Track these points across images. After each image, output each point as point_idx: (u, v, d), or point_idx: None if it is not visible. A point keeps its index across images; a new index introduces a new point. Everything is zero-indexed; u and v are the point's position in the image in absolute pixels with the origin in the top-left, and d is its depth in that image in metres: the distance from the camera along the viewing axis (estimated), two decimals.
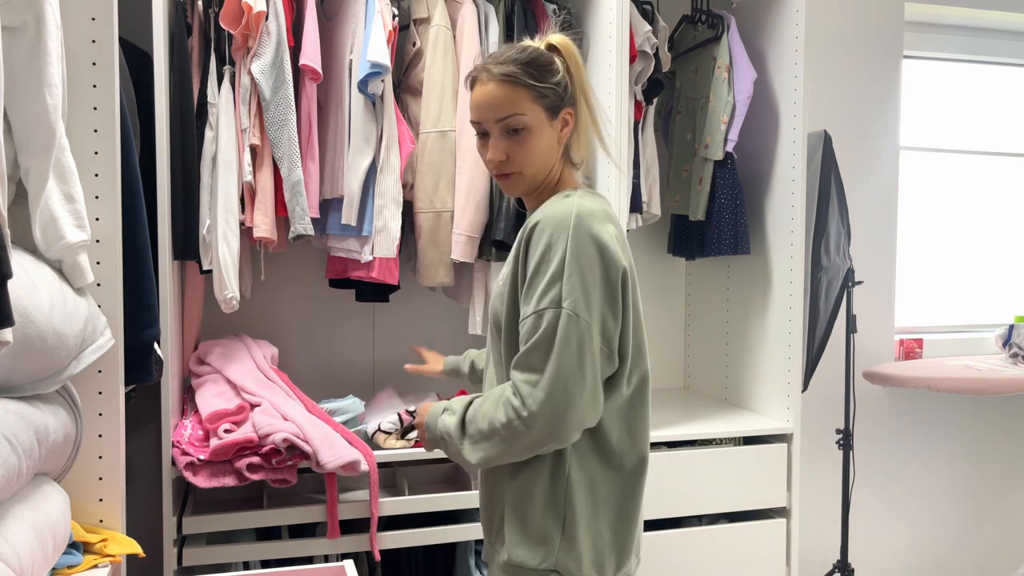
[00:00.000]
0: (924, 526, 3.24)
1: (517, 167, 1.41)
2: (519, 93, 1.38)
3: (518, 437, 1.30)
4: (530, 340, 1.30)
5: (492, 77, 1.39)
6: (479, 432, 1.35)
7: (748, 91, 2.41)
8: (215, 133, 1.99)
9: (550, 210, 1.35)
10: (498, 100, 1.38)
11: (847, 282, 2.62)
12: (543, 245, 1.31)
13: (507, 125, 1.39)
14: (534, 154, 1.40)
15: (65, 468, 1.39)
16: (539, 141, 1.40)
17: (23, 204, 1.29)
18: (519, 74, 1.38)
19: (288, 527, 2.05)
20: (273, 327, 2.46)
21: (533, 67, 1.39)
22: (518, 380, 1.30)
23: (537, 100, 1.39)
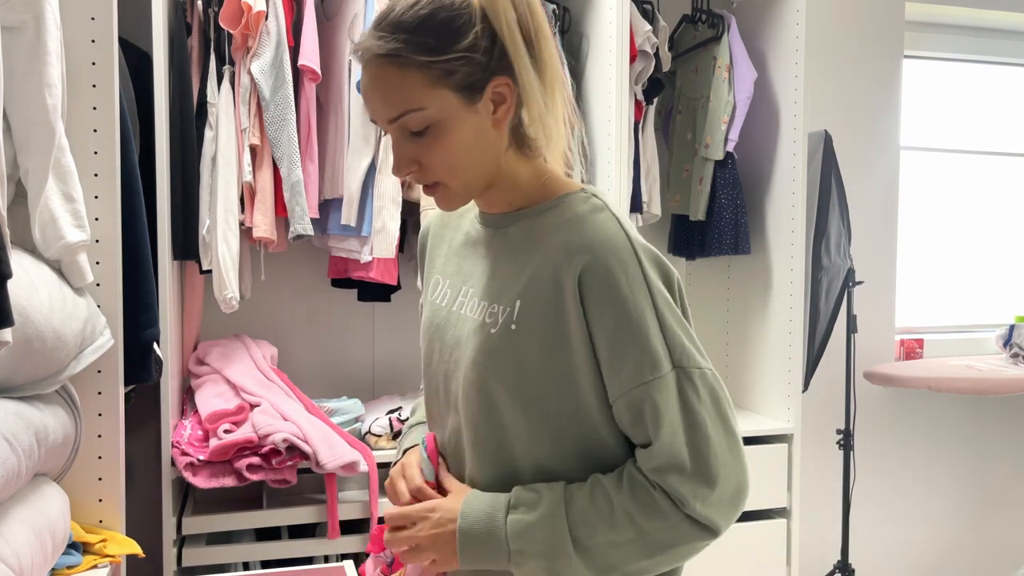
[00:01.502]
0: (924, 526, 3.24)
1: (436, 176, 0.97)
2: (410, 77, 0.91)
3: (677, 543, 0.96)
4: (661, 424, 0.92)
5: (372, 57, 0.92)
6: (619, 551, 0.94)
7: (748, 91, 2.41)
8: (215, 133, 1.99)
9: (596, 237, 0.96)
10: (383, 92, 0.93)
11: (847, 282, 2.62)
12: (617, 291, 0.93)
13: (404, 125, 0.94)
14: (455, 156, 0.95)
15: (65, 468, 1.39)
16: (457, 137, 0.94)
17: (23, 204, 1.29)
18: (404, 50, 0.91)
19: (288, 527, 2.04)
20: (273, 327, 2.45)
21: (428, 32, 0.91)
22: (668, 474, 0.93)
23: (440, 81, 0.92)
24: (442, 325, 1.07)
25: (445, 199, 1.00)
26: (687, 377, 0.94)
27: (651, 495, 0.93)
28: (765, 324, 2.49)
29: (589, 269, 0.94)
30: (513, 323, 0.97)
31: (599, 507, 0.94)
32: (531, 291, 0.97)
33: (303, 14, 2.06)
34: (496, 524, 0.95)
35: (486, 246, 1.06)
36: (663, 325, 0.94)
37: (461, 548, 0.96)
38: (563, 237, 0.97)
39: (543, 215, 1.01)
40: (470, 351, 1.00)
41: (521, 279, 0.99)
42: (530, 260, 0.99)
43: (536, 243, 0.99)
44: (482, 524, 0.95)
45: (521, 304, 0.97)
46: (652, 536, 0.93)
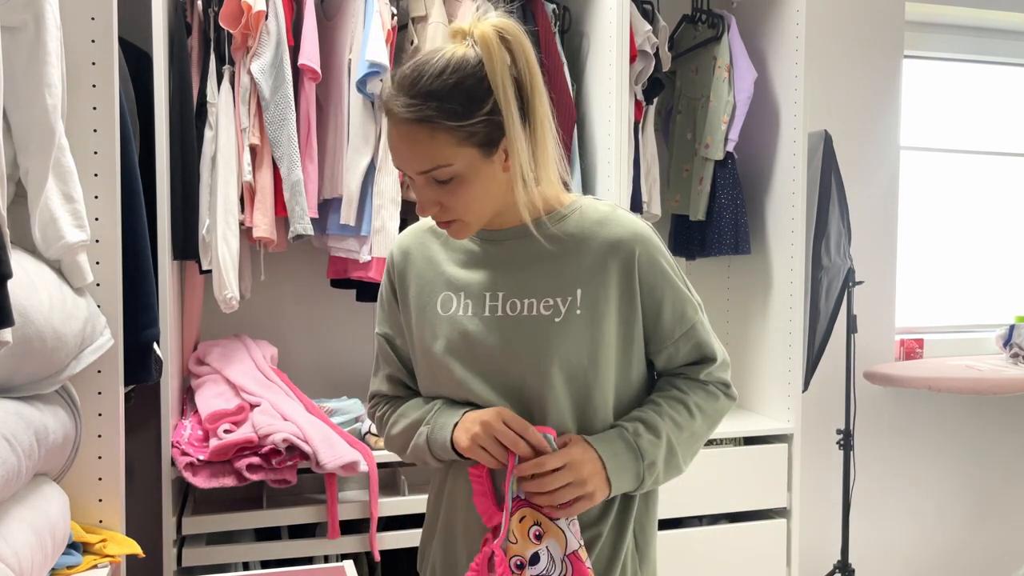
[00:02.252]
0: (925, 526, 3.24)
1: (455, 215, 1.15)
2: (439, 139, 1.07)
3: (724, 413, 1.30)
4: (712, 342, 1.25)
5: (403, 118, 1.08)
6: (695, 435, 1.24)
7: (748, 91, 2.41)
8: (215, 133, 1.99)
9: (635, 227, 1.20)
10: (415, 151, 1.09)
11: (847, 282, 2.62)
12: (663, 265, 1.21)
13: (432, 177, 1.11)
14: (473, 200, 1.13)
15: (65, 468, 1.39)
16: (476, 186, 1.12)
17: (23, 204, 1.29)
18: (436, 116, 1.06)
19: (288, 527, 2.04)
20: (273, 327, 2.45)
21: (456, 101, 1.06)
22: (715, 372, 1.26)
23: (465, 142, 1.08)
24: (476, 332, 1.19)
25: (459, 231, 1.17)
26: (703, 310, 1.27)
27: (708, 389, 1.26)
28: (765, 324, 2.49)
29: (644, 255, 1.19)
30: (578, 308, 1.17)
31: (681, 413, 1.22)
32: (592, 279, 1.18)
33: (303, 14, 2.06)
34: (632, 450, 1.17)
35: (498, 256, 1.22)
36: (686, 283, 1.25)
37: (613, 475, 1.15)
38: (607, 233, 1.19)
39: (566, 220, 1.21)
40: (536, 342, 1.17)
41: (575, 272, 1.18)
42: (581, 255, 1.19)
43: (577, 242, 1.19)
44: (622, 452, 1.17)
45: (583, 292, 1.18)
46: (712, 416, 1.26)
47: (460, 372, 1.20)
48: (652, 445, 1.18)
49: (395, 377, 1.33)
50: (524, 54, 1.11)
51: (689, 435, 1.23)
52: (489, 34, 1.09)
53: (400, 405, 1.30)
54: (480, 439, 1.13)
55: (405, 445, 1.26)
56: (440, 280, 1.24)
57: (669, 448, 1.20)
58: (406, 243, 1.31)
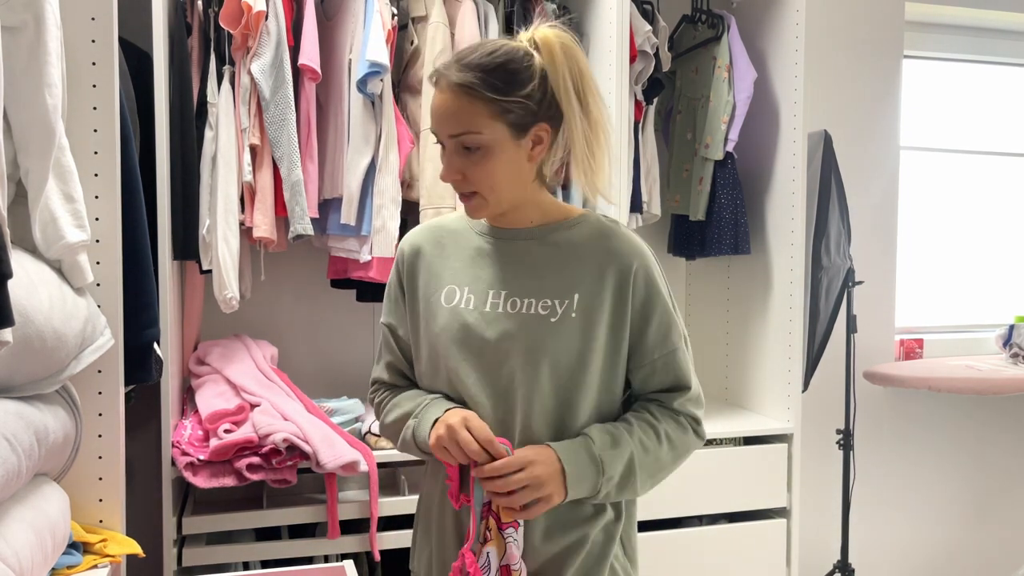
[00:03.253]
0: (925, 526, 3.24)
1: (475, 188, 1.22)
2: (476, 107, 1.17)
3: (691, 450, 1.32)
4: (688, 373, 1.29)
5: (450, 84, 1.19)
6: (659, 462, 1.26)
7: (748, 91, 2.41)
8: (215, 133, 1.99)
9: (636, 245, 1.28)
10: (452, 113, 1.19)
11: (847, 282, 2.62)
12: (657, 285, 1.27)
13: (461, 142, 1.19)
14: (493, 177, 1.21)
15: (65, 468, 1.39)
16: (499, 163, 1.20)
17: (23, 204, 1.29)
18: (478, 85, 1.17)
19: (288, 527, 2.04)
20: (273, 327, 2.45)
21: (498, 76, 1.17)
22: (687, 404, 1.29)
23: (499, 116, 1.18)
24: (475, 325, 1.25)
25: (476, 208, 1.25)
26: (686, 342, 1.31)
27: (679, 420, 1.28)
28: (765, 324, 2.49)
29: (640, 270, 1.25)
30: (573, 312, 1.23)
31: (650, 436, 1.25)
32: (589, 286, 1.24)
33: (303, 14, 2.06)
34: (594, 459, 1.20)
35: (506, 255, 1.28)
36: (676, 309, 1.30)
37: (571, 481, 1.19)
38: (608, 245, 1.26)
39: (572, 229, 1.28)
40: (530, 339, 1.23)
41: (574, 277, 1.24)
42: (581, 262, 1.25)
43: (579, 250, 1.26)
44: (584, 461, 1.20)
45: (579, 297, 1.24)
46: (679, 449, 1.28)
47: (455, 361, 1.25)
48: (614, 459, 1.21)
49: (395, 366, 1.37)
50: (579, 61, 1.22)
51: (654, 460, 1.25)
52: (549, 34, 1.21)
53: (397, 394, 1.35)
54: (443, 441, 1.19)
55: (396, 435, 1.32)
56: (447, 274, 1.30)
57: (629, 467, 1.22)
58: (418, 238, 1.36)
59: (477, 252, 1.30)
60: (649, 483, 1.27)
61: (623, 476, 1.22)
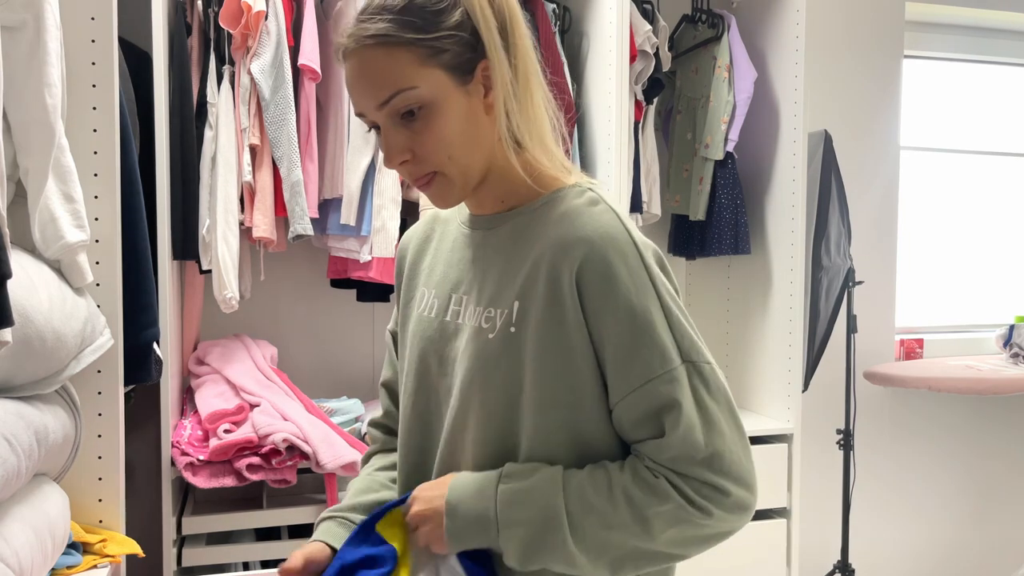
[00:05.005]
0: (925, 526, 3.24)
1: (431, 165, 0.93)
2: (398, 57, 0.89)
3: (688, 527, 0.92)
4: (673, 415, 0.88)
5: (358, 44, 0.90)
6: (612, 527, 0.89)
7: (748, 91, 2.41)
8: (215, 133, 1.99)
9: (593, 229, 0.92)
10: (372, 75, 0.91)
11: (847, 282, 2.62)
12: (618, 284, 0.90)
13: (395, 108, 0.91)
14: (449, 140, 0.92)
15: (65, 468, 1.39)
16: (450, 118, 0.92)
17: (22, 204, 1.29)
18: (392, 29, 0.89)
19: (288, 527, 2.04)
20: (273, 327, 2.45)
21: (412, 12, 0.90)
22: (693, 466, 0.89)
23: (430, 59, 0.90)
24: (434, 338, 1.02)
25: (441, 192, 0.96)
26: (698, 372, 0.90)
27: (655, 479, 0.89)
28: (765, 324, 2.49)
29: (587, 263, 0.90)
30: (512, 326, 0.93)
31: (597, 484, 0.90)
32: (528, 291, 0.93)
33: (303, 14, 2.06)
34: (486, 495, 0.90)
35: (476, 249, 1.02)
36: (669, 318, 0.91)
37: (449, 523, 0.91)
38: (558, 231, 0.93)
39: (536, 211, 0.97)
40: (468, 359, 0.96)
41: (517, 279, 0.95)
42: (525, 259, 0.95)
43: (531, 241, 0.95)
44: (472, 495, 0.91)
45: (519, 305, 0.93)
46: (651, 516, 0.89)
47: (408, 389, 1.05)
48: (520, 499, 0.90)
49: (391, 387, 1.18)
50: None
51: (600, 522, 0.89)
52: None
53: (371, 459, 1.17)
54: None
55: None
56: (423, 274, 1.09)
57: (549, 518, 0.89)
58: (410, 234, 1.15)
59: (452, 246, 1.06)
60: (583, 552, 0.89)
61: (536, 523, 0.89)
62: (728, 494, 0.90)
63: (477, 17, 0.91)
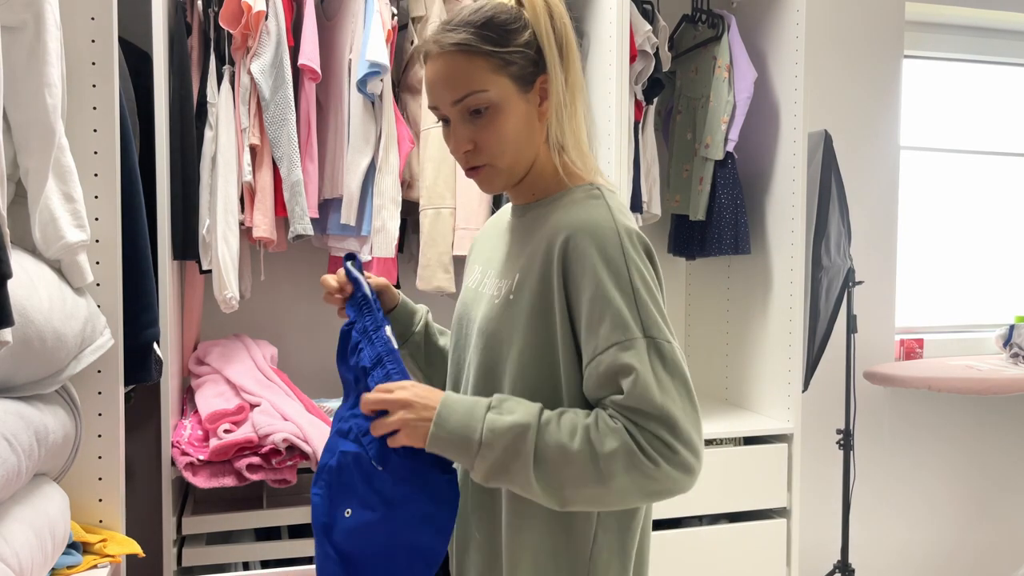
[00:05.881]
0: (925, 526, 3.24)
1: (487, 157, 1.13)
2: (476, 64, 1.09)
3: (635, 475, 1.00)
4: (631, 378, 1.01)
5: (442, 49, 1.11)
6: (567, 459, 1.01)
7: (748, 91, 2.41)
8: (215, 133, 1.99)
9: (583, 217, 1.09)
10: (451, 76, 1.10)
11: (847, 282, 2.62)
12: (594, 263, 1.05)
13: (466, 106, 1.10)
14: (506, 139, 1.12)
15: (65, 468, 1.39)
16: (510, 121, 1.11)
17: (23, 204, 1.29)
18: (474, 41, 1.09)
19: (288, 527, 2.04)
20: (273, 327, 2.45)
21: (491, 29, 1.10)
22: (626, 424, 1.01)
23: (501, 69, 1.10)
24: (469, 304, 1.23)
25: (488, 180, 1.15)
26: (656, 347, 1.03)
27: (614, 424, 1.01)
28: (765, 324, 2.49)
29: (570, 244, 1.07)
30: (512, 294, 1.13)
31: (563, 424, 1.03)
32: (527, 266, 1.12)
33: (303, 14, 2.06)
34: (475, 417, 1.04)
35: (510, 233, 1.22)
36: (636, 297, 1.05)
37: (435, 431, 1.04)
38: (557, 218, 1.12)
39: (552, 203, 1.16)
40: (478, 319, 1.17)
41: (523, 257, 1.14)
42: (532, 241, 1.14)
43: (540, 226, 1.14)
44: (462, 413, 1.05)
45: (519, 277, 1.13)
46: (604, 459, 1.00)
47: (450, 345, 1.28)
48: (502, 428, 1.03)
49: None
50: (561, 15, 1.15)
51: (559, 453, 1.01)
52: None
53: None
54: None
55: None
56: (481, 252, 1.30)
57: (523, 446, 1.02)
58: (488, 219, 1.37)
59: (500, 231, 1.26)
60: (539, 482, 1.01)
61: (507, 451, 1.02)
62: (676, 452, 1.00)
63: (542, 39, 1.12)
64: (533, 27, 1.11)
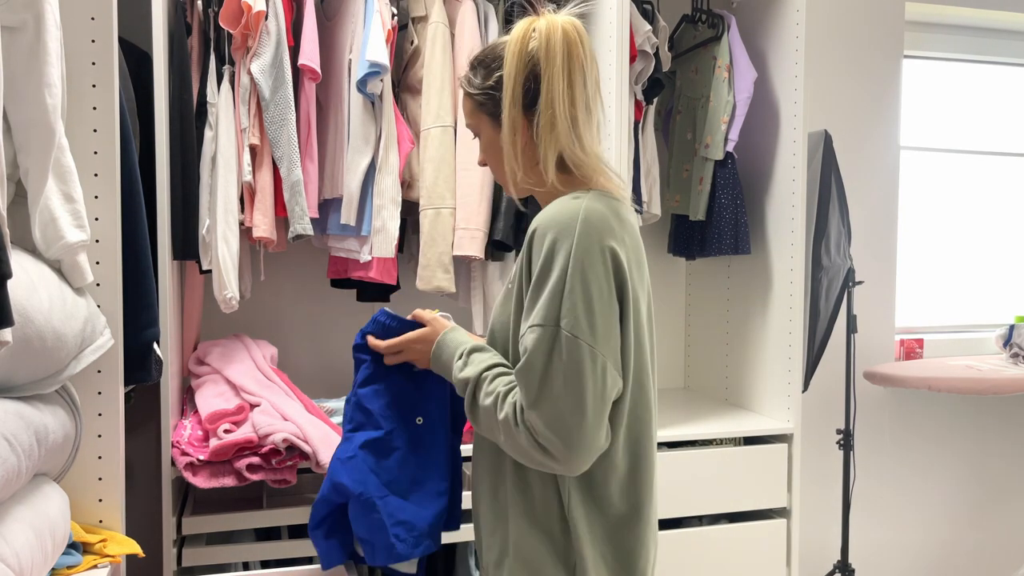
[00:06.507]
0: (924, 526, 3.24)
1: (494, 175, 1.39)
2: (468, 102, 1.34)
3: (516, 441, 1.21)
4: (524, 358, 1.18)
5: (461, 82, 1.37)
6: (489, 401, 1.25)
7: (748, 91, 2.41)
8: (215, 133, 1.99)
9: (554, 212, 1.22)
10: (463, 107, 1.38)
11: (847, 282, 2.62)
12: (544, 253, 1.19)
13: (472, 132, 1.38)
14: (494, 163, 1.35)
15: (65, 468, 1.39)
16: (492, 151, 1.33)
17: (23, 204, 1.29)
18: (465, 83, 1.33)
19: (288, 527, 2.04)
20: (273, 327, 2.45)
21: (477, 72, 1.32)
22: (518, 398, 1.21)
23: (479, 109, 1.32)
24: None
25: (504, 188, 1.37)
26: (561, 339, 1.15)
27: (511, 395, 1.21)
28: (765, 324, 2.49)
29: (535, 235, 1.22)
30: (511, 283, 1.31)
31: (492, 383, 1.25)
32: (520, 259, 1.28)
33: (303, 14, 2.06)
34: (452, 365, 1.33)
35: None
36: (568, 289, 1.16)
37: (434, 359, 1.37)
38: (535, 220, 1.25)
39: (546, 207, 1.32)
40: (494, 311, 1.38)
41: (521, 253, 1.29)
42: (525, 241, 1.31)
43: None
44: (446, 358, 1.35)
45: (514, 269, 1.30)
46: (501, 424, 1.22)
47: None
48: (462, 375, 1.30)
49: None
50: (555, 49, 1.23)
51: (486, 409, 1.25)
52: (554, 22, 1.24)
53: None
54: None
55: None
56: None
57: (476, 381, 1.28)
58: None
59: None
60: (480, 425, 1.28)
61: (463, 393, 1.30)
62: (538, 435, 1.16)
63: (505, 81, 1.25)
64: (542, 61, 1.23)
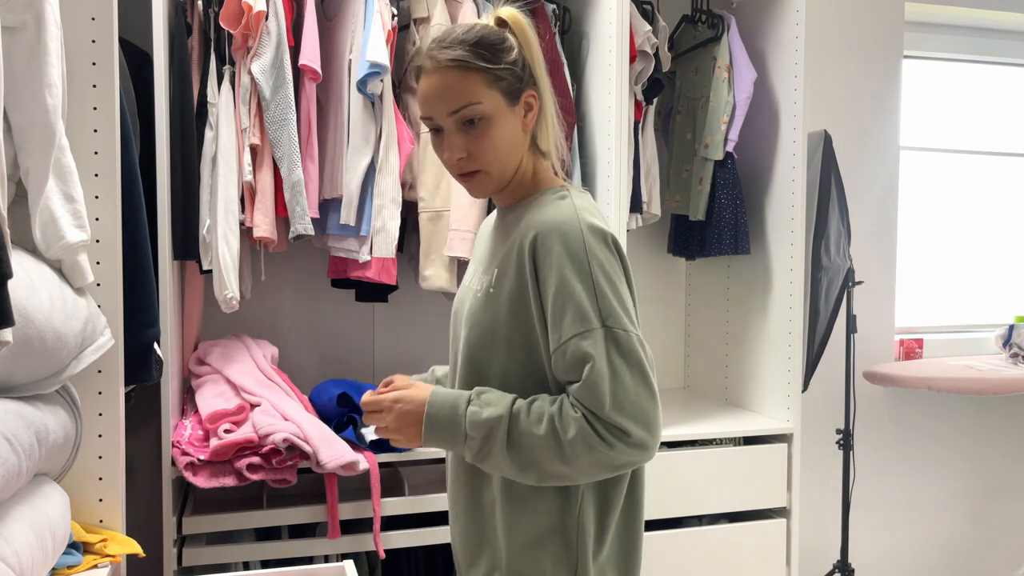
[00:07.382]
0: (924, 526, 3.24)
1: (480, 164, 1.24)
2: (471, 78, 1.21)
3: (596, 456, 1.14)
4: (588, 367, 1.14)
5: (438, 64, 1.22)
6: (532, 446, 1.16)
7: (748, 91, 2.41)
8: (215, 133, 1.99)
9: (551, 216, 1.21)
10: (448, 89, 1.22)
11: (847, 282, 2.62)
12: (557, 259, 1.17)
13: (462, 117, 1.22)
14: (498, 147, 1.24)
15: (65, 468, 1.39)
16: (501, 131, 1.23)
17: (23, 204, 1.29)
18: (469, 58, 1.21)
19: (288, 527, 2.04)
20: (273, 327, 2.45)
21: (484, 48, 1.22)
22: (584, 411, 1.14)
23: (493, 84, 1.22)
24: (460, 299, 1.36)
25: (479, 186, 1.27)
26: (612, 335, 1.15)
27: (574, 413, 1.15)
28: (765, 324, 2.49)
29: (539, 241, 1.20)
30: (491, 287, 1.26)
31: (532, 413, 1.17)
32: (504, 262, 1.25)
33: (303, 14, 2.06)
34: (458, 412, 1.20)
35: (494, 232, 1.35)
36: (596, 289, 1.17)
37: (426, 429, 1.21)
38: (529, 219, 1.24)
39: (527, 205, 1.29)
40: (464, 312, 1.30)
41: (500, 254, 1.27)
42: (509, 239, 1.27)
43: (516, 226, 1.27)
44: (447, 411, 1.21)
45: (497, 272, 1.26)
46: (567, 445, 1.14)
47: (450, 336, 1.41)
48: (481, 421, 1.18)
49: None
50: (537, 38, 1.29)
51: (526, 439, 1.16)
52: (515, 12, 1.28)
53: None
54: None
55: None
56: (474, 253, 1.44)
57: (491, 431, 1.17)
58: (483, 223, 1.48)
59: (489, 232, 1.39)
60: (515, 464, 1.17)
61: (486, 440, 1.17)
62: (629, 433, 1.13)
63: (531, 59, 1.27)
64: (521, 47, 1.26)
